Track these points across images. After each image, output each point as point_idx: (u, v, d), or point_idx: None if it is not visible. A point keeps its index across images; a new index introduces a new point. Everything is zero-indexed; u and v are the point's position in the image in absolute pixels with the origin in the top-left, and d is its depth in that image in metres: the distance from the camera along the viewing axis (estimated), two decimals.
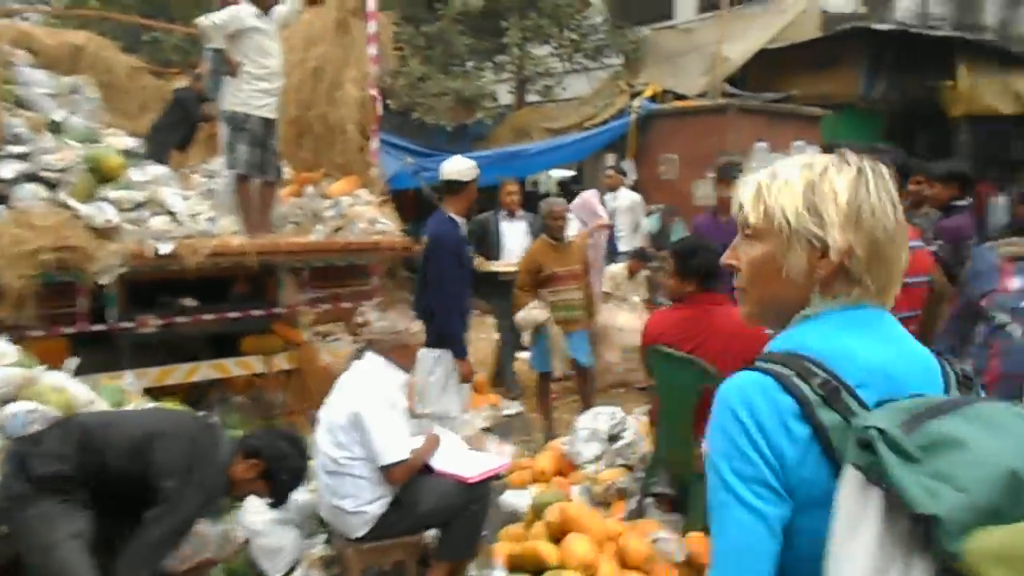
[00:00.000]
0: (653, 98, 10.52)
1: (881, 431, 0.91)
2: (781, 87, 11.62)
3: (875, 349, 1.07)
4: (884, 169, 1.12)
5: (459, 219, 4.09)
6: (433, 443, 2.92)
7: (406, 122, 11.13)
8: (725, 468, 1.03)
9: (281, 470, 2.53)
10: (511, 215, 5.89)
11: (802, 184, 1.10)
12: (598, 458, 3.84)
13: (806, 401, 1.01)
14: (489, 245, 5.72)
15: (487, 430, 5.10)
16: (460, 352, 4.05)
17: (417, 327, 2.98)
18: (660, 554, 2.94)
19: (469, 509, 2.94)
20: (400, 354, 2.93)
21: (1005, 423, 0.93)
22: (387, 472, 2.77)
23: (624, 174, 8.66)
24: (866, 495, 0.90)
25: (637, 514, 3.43)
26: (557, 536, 2.94)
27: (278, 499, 2.64)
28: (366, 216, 4.84)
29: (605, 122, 10.61)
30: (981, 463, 0.87)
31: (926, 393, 1.04)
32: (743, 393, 1.05)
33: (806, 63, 12.25)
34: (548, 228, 5.02)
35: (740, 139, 9.53)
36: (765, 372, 1.05)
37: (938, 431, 0.92)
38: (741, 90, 11.29)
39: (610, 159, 11.44)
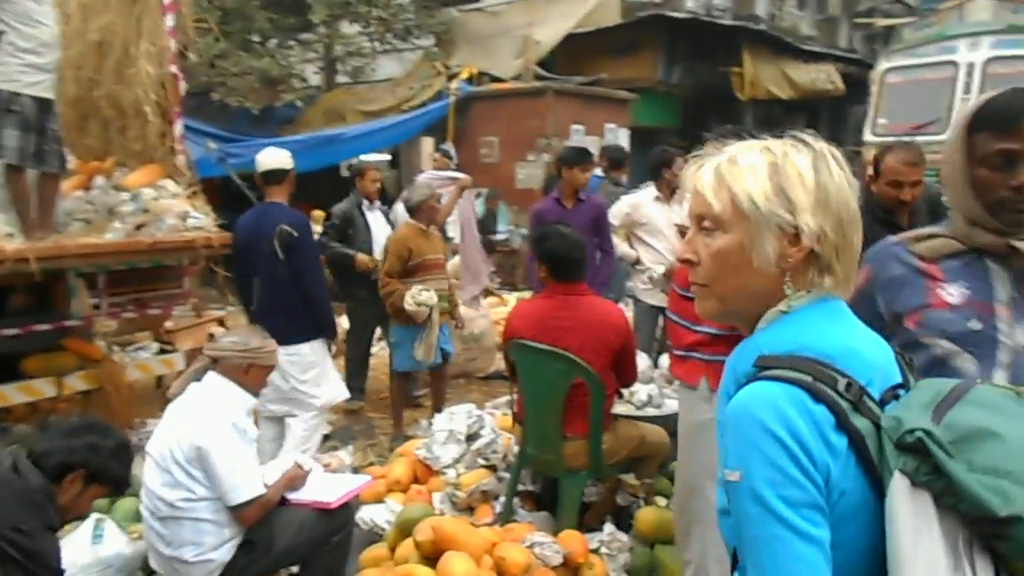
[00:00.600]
0: (470, 80, 10.41)
1: (928, 432, 0.88)
2: (588, 71, 11.98)
3: (866, 343, 1.03)
4: (836, 150, 1.07)
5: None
6: (296, 476, 2.57)
7: (204, 104, 10.17)
8: (772, 497, 0.90)
9: (103, 464, 2.10)
10: (372, 203, 5.52)
11: (766, 167, 1.03)
12: (457, 460, 3.64)
13: (839, 409, 0.92)
14: (358, 236, 5.30)
15: (326, 437, 4.71)
16: (335, 330, 4.06)
17: (273, 347, 2.60)
18: (538, 559, 2.81)
19: (331, 540, 2.63)
20: (250, 375, 2.53)
21: (1013, 409, 0.93)
22: (238, 513, 2.38)
23: (450, 157, 8.45)
24: (917, 500, 0.87)
25: (505, 517, 3.29)
26: (430, 555, 2.71)
27: (119, 488, 2.30)
28: (175, 210, 4.24)
29: (423, 104, 10.34)
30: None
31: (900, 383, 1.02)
32: (776, 409, 0.92)
33: (610, 48, 12.74)
34: (419, 212, 4.72)
35: (558, 122, 9.68)
36: (789, 382, 0.94)
37: (963, 423, 0.91)
38: (551, 73, 11.50)
39: (428, 143, 11.21)
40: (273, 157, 3.86)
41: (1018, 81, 6.27)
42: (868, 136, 10.37)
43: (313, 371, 3.86)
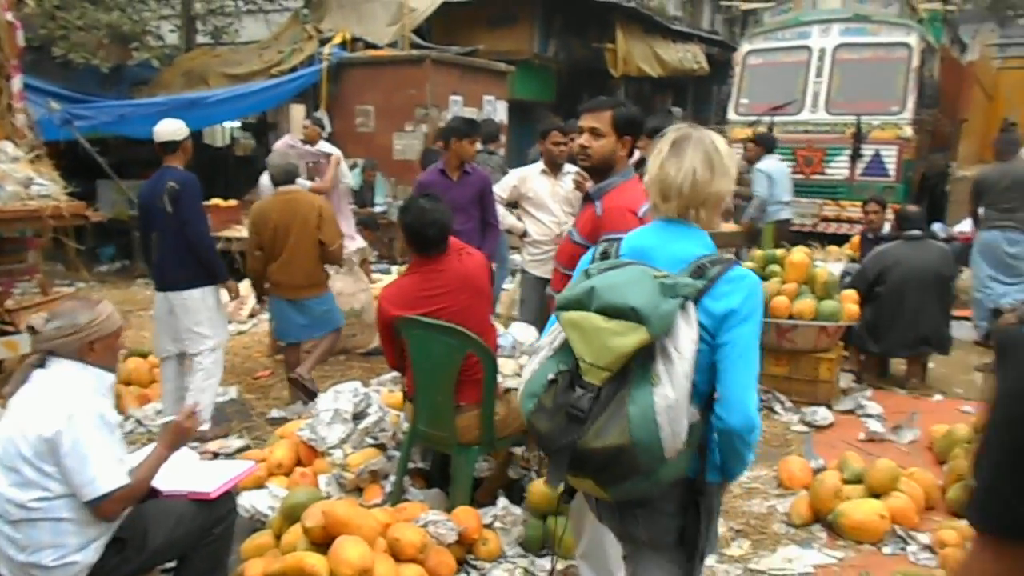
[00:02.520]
0: (343, 45, 9.99)
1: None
2: (464, 41, 11.82)
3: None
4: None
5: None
6: (160, 457, 2.34)
7: (43, 59, 9.19)
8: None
9: None
10: None
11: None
12: (344, 441, 3.50)
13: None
14: None
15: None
16: (224, 274, 4.28)
17: (109, 309, 2.32)
18: (433, 538, 2.75)
19: (212, 533, 2.44)
20: (97, 351, 2.27)
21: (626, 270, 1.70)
22: (97, 509, 2.14)
23: (322, 126, 8.08)
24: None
25: (396, 496, 3.20)
26: (320, 541, 2.59)
27: None
28: (15, 176, 3.79)
29: (293, 69, 9.84)
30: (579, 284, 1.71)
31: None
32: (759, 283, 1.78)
33: (486, 19, 12.63)
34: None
35: (437, 92, 9.49)
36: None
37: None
38: (427, 42, 11.26)
39: (299, 110, 10.70)
40: (168, 128, 4.09)
41: (864, 66, 6.83)
42: (732, 115, 10.87)
43: (202, 314, 4.16)
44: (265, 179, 7.37)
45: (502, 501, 3.12)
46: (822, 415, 4.57)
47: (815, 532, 3.32)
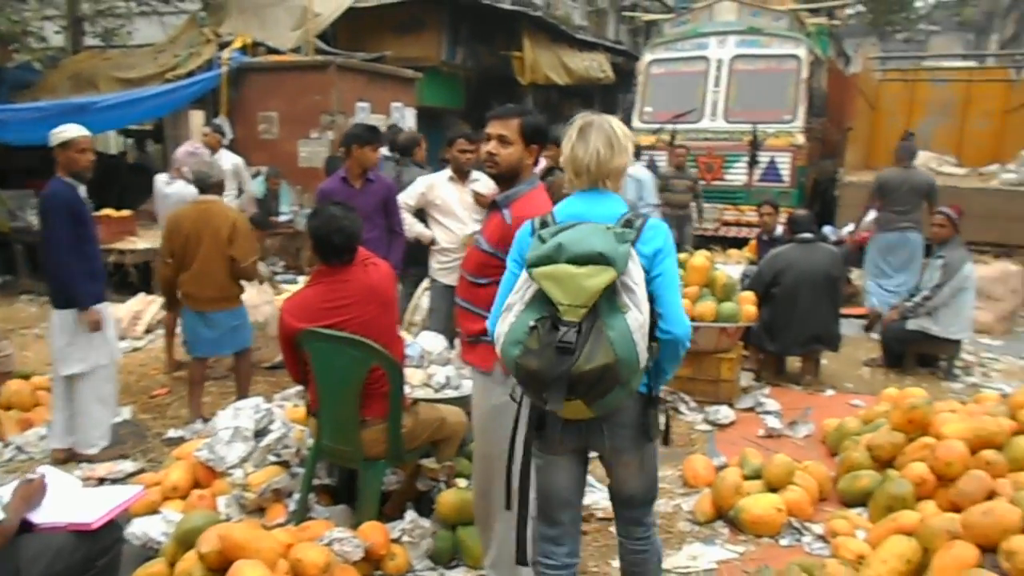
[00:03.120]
0: (244, 50, 9.67)
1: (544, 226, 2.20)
2: (371, 47, 11.67)
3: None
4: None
5: (71, 181, 3.93)
6: (32, 491, 2.18)
7: None
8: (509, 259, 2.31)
9: None
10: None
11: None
12: (245, 459, 3.38)
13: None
14: None
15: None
16: (83, 302, 3.94)
17: (8, 351, 2.18)
18: (338, 556, 2.68)
19: (95, 565, 2.30)
20: None
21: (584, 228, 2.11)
22: None
23: (223, 133, 7.81)
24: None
25: (300, 515, 3.10)
26: (217, 567, 2.48)
27: None
28: None
29: (191, 74, 9.45)
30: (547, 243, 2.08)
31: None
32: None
33: (393, 25, 12.51)
34: (215, 189, 4.55)
35: (343, 98, 9.32)
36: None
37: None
38: (333, 48, 11.05)
39: (198, 116, 10.31)
40: (62, 133, 3.87)
41: (758, 77, 7.19)
42: (636, 123, 11.13)
43: (65, 337, 3.95)
44: (160, 186, 7.08)
45: (410, 514, 3.08)
46: (724, 413, 4.72)
47: (718, 528, 3.42)
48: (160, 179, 7.10)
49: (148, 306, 6.75)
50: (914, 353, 5.80)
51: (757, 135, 10.12)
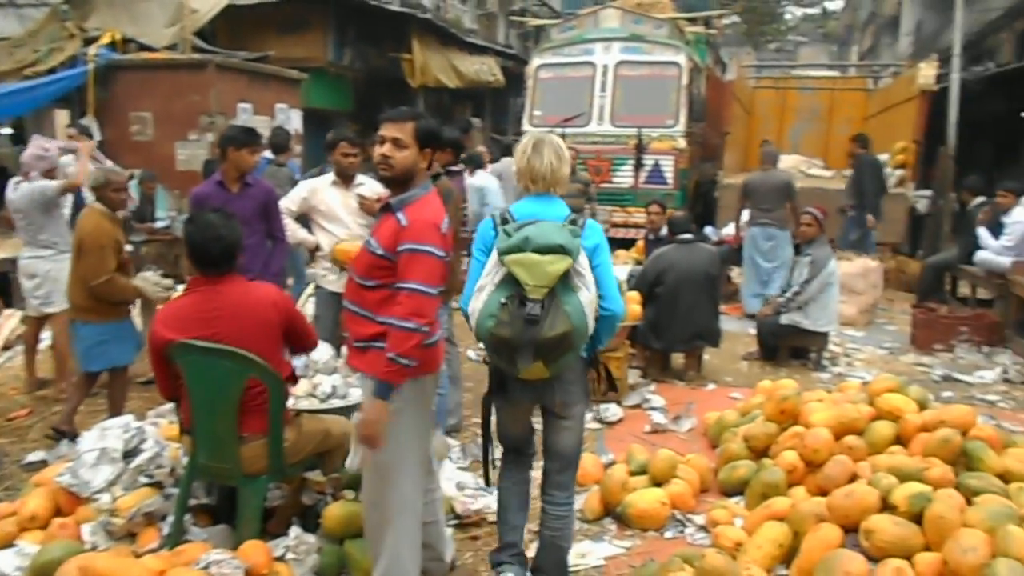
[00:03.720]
0: (113, 46, 9.13)
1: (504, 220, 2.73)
2: (253, 47, 11.29)
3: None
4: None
5: None
6: None
7: None
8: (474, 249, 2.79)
9: None
10: None
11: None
12: (113, 483, 3.16)
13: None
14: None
15: None
16: None
17: None
18: None
19: None
20: None
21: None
22: None
23: (89, 135, 7.33)
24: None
25: (174, 539, 2.94)
26: None
27: None
28: None
29: (52, 71, 8.84)
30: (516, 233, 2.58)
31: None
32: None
33: (276, 24, 12.14)
34: (109, 200, 4.31)
35: (223, 99, 8.95)
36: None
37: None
38: (212, 46, 10.62)
39: (62, 115, 9.63)
40: None
41: (642, 82, 7.53)
42: (526, 126, 11.25)
43: None
44: (8, 190, 6.55)
45: (295, 530, 2.97)
46: (613, 411, 4.83)
47: (606, 525, 3.49)
48: (11, 183, 6.59)
49: (6, 321, 6.25)
50: (787, 346, 6.14)
51: (642, 139, 10.45)
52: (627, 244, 10.03)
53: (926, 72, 10.11)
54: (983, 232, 6.84)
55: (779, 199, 7.66)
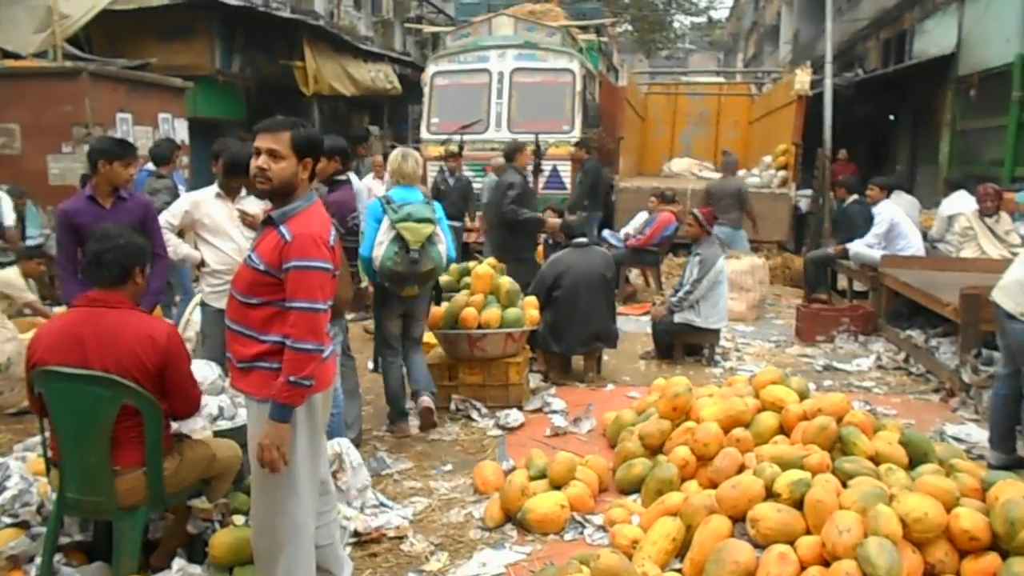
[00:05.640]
0: None
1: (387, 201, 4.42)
2: (133, 54, 10.77)
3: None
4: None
5: None
6: None
7: None
8: (369, 219, 4.42)
9: None
10: None
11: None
12: None
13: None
14: None
15: None
16: None
17: None
18: None
19: None
20: None
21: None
22: None
23: None
24: None
25: None
26: None
27: None
28: None
29: None
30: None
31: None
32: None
33: (158, 31, 11.64)
34: None
35: (99, 109, 8.48)
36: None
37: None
38: (87, 53, 10.05)
39: None
40: None
41: (537, 89, 7.79)
42: (424, 134, 11.20)
43: None
44: None
45: (178, 562, 2.83)
46: (514, 417, 4.85)
47: (507, 532, 3.49)
48: None
49: None
50: (682, 344, 6.34)
51: (539, 145, 10.58)
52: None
53: (802, 78, 10.70)
54: (856, 243, 7.29)
55: (733, 203, 9.02)
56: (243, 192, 4.45)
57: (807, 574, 2.66)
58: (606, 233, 9.87)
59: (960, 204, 7.35)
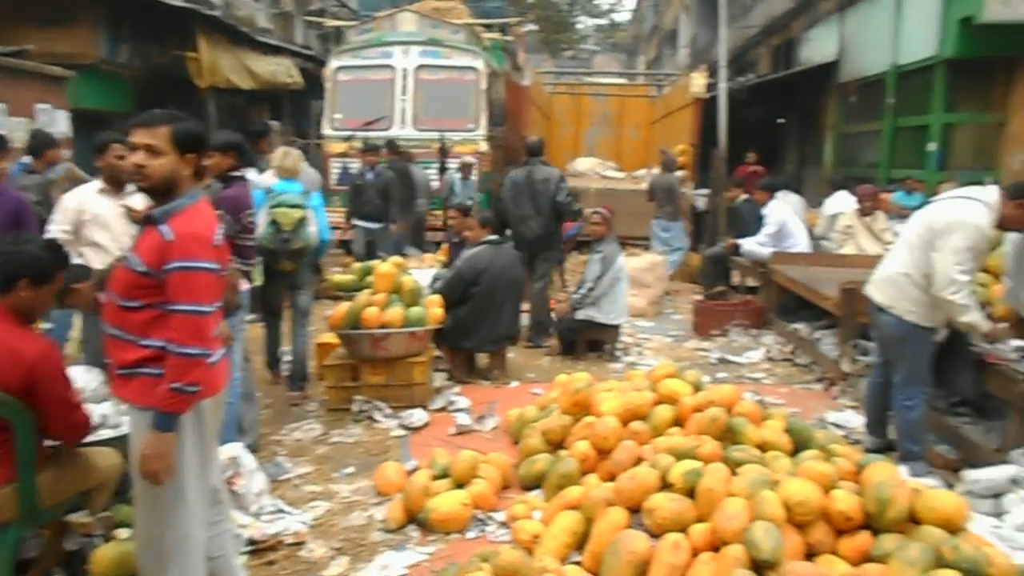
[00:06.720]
0: None
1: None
2: (7, 40, 10.03)
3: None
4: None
5: None
6: None
7: None
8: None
9: None
10: None
11: None
12: None
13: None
14: None
15: None
16: None
17: None
18: None
19: None
20: None
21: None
22: None
23: None
24: None
25: None
26: None
27: None
28: None
29: None
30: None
31: None
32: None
33: (35, 17, 10.89)
34: None
35: None
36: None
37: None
38: None
39: None
40: None
41: (441, 86, 7.95)
42: (327, 130, 10.98)
43: None
44: None
45: None
46: (418, 416, 4.82)
47: (409, 533, 3.46)
48: None
49: None
50: (585, 340, 6.46)
51: (445, 143, 10.55)
52: (433, 247, 10.09)
53: (697, 81, 11.09)
54: (748, 240, 7.63)
55: (670, 197, 9.92)
56: (129, 187, 4.23)
57: (699, 560, 2.76)
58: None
59: (841, 203, 7.81)
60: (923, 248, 3.76)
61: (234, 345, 3.87)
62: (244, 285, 4.05)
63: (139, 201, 4.12)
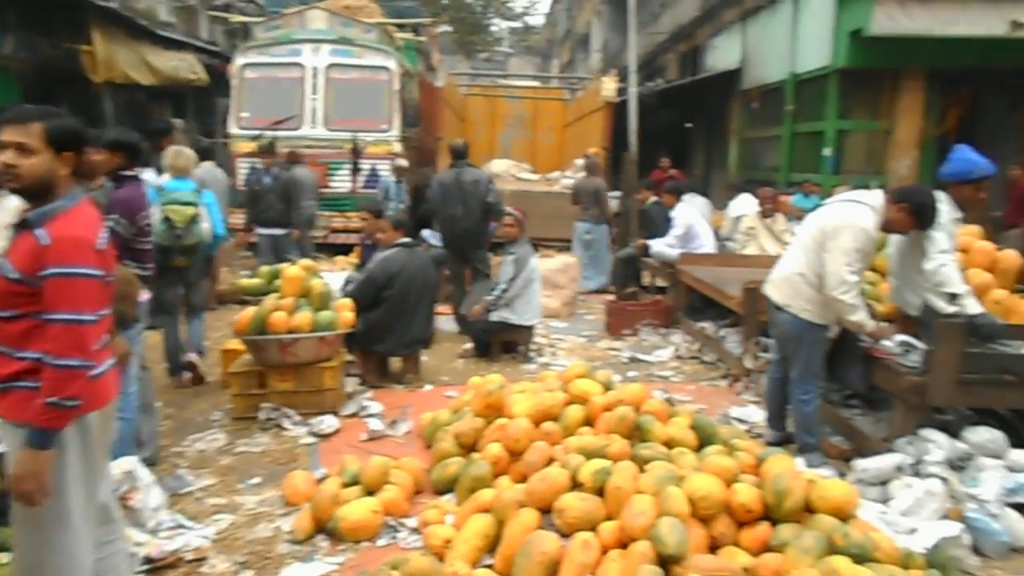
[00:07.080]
0: None
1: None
2: None
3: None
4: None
5: None
6: None
7: None
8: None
9: None
10: None
11: None
12: None
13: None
14: None
15: None
16: None
17: None
18: None
19: None
20: None
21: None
22: None
23: None
24: None
25: None
26: None
27: None
28: None
29: None
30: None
31: None
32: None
33: None
34: None
35: None
36: None
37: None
38: None
39: None
40: None
41: (353, 86, 7.93)
42: (233, 128, 10.64)
43: None
44: None
45: None
46: (328, 423, 4.70)
47: (318, 543, 3.37)
48: None
49: None
50: (499, 341, 6.47)
51: (357, 143, 10.39)
52: (346, 250, 9.91)
53: (608, 85, 11.32)
54: (658, 242, 7.82)
55: (594, 201, 9.74)
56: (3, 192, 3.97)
57: (608, 558, 2.80)
58: (426, 233, 9.86)
59: (744, 206, 8.12)
60: (816, 250, 3.94)
61: (135, 355, 3.69)
62: (144, 295, 3.86)
63: (15, 203, 3.87)
